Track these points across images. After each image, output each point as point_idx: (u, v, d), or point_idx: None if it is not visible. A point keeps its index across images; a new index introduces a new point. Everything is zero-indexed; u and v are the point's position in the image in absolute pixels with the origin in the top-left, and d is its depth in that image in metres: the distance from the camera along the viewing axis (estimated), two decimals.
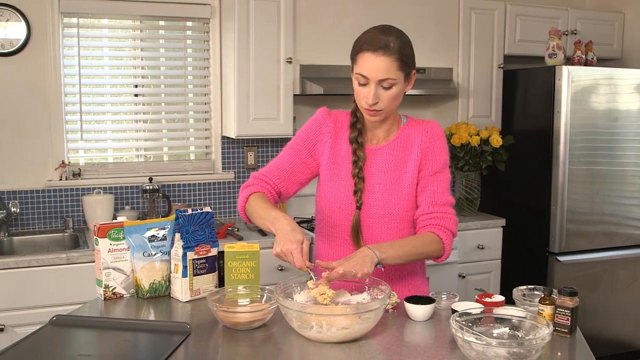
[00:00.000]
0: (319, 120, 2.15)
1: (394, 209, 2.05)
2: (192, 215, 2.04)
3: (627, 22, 4.49)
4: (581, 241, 3.91)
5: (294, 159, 2.15)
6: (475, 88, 4.09)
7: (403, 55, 1.91)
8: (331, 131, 2.12)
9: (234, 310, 1.82)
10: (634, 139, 3.96)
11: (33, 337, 1.76)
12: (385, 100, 1.95)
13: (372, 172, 2.07)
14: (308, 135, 2.15)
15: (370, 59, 1.90)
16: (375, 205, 2.06)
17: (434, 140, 2.08)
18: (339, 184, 2.09)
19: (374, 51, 1.89)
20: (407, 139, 2.09)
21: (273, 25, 3.58)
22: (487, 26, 4.09)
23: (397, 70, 1.91)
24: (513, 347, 1.50)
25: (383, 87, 1.93)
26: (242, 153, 3.94)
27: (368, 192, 2.06)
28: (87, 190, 3.62)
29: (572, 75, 3.75)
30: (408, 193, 2.07)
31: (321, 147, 2.12)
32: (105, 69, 3.71)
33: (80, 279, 3.05)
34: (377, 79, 1.91)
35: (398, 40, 1.91)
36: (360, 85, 1.96)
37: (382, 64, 1.89)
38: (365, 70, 1.91)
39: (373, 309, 1.68)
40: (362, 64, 1.92)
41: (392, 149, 2.09)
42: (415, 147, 2.07)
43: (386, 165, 2.08)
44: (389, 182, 2.06)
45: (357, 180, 2.05)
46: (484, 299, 1.94)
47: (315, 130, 2.14)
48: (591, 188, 3.89)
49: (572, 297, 1.76)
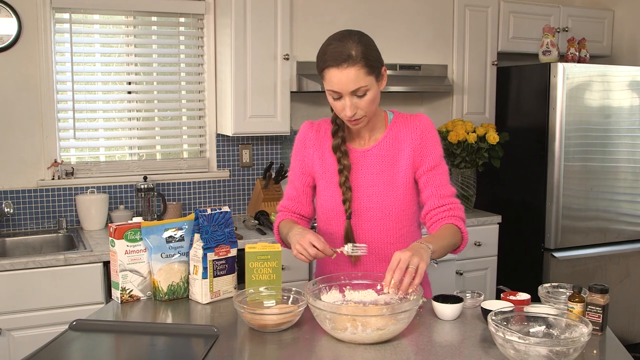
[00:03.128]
0: (302, 135, 2.19)
1: (390, 209, 2.05)
2: (211, 215, 2.00)
3: (617, 19, 4.54)
4: (576, 237, 3.94)
5: (297, 183, 2.19)
6: (469, 85, 4.10)
7: (367, 59, 1.88)
8: (315, 143, 2.14)
9: (261, 312, 1.78)
10: (626, 135, 4.01)
11: (55, 344, 1.71)
12: (363, 107, 1.93)
13: (363, 175, 2.07)
14: (297, 154, 2.20)
15: (336, 74, 1.87)
16: (368, 208, 2.06)
17: (426, 135, 2.06)
18: (329, 193, 2.11)
19: (338, 65, 1.86)
20: (397, 137, 2.07)
21: (270, 21, 3.53)
22: (481, 23, 4.09)
23: (365, 76, 1.88)
24: (556, 346, 1.49)
25: (357, 96, 1.91)
26: (237, 151, 3.89)
27: (359, 198, 2.06)
28: (81, 190, 3.54)
29: (567, 73, 3.78)
30: (404, 191, 2.06)
31: (310, 160, 2.15)
32: (98, 66, 3.63)
33: (79, 281, 2.97)
34: (349, 90, 1.88)
35: (359, 46, 1.88)
36: (335, 99, 1.94)
37: (350, 76, 1.86)
38: (335, 86, 1.89)
39: (408, 310, 1.66)
40: (330, 80, 1.90)
41: (381, 149, 2.07)
42: (406, 145, 2.06)
43: (377, 167, 2.07)
44: (382, 183, 2.05)
45: (345, 190, 2.05)
46: (509, 297, 1.93)
47: (301, 146, 2.18)
48: (585, 184, 3.92)
49: (603, 294, 1.76)
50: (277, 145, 3.97)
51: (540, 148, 3.89)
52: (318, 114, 4.03)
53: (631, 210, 4.11)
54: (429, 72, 3.95)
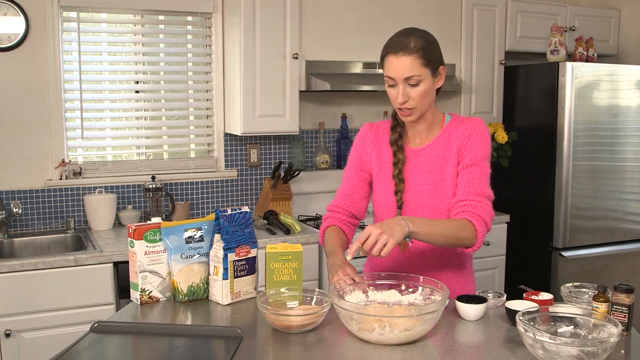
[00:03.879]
0: (361, 135, 2.24)
1: (440, 208, 2.07)
2: (232, 215, 1.98)
3: (623, 18, 4.54)
4: (584, 236, 3.94)
5: (353, 179, 2.22)
6: (477, 84, 4.09)
7: (425, 52, 1.96)
8: (373, 142, 2.19)
9: (286, 314, 1.77)
10: (634, 134, 4.01)
11: (77, 347, 1.67)
12: (415, 97, 1.98)
13: (416, 173, 2.10)
14: (355, 151, 2.24)
15: (393, 60, 1.97)
16: (419, 205, 2.08)
17: (473, 134, 2.06)
18: (383, 186, 2.15)
19: (396, 53, 1.96)
20: (449, 138, 2.09)
21: (279, 20, 3.52)
22: (489, 22, 4.09)
23: (420, 67, 1.95)
24: (587, 346, 1.48)
25: (410, 85, 1.97)
26: (245, 150, 3.88)
27: (410, 193, 2.10)
28: (88, 190, 3.51)
29: (576, 72, 3.77)
30: (452, 191, 2.07)
31: (368, 158, 2.20)
32: (105, 65, 3.60)
33: (88, 282, 2.96)
34: (402, 77, 1.96)
35: (420, 40, 1.97)
36: (390, 87, 2.02)
37: (405, 63, 1.95)
38: (391, 72, 1.98)
39: (435, 310, 1.65)
40: (388, 67, 1.99)
41: (434, 149, 2.10)
42: (454, 144, 2.08)
43: (429, 165, 2.09)
44: (433, 182, 2.08)
45: (397, 182, 2.10)
46: (531, 296, 1.93)
47: (360, 145, 2.23)
48: (593, 184, 3.92)
49: (629, 294, 1.75)
50: (285, 144, 3.95)
51: (549, 147, 3.89)
52: (326, 113, 4.03)
53: (638, 209, 4.11)
54: None
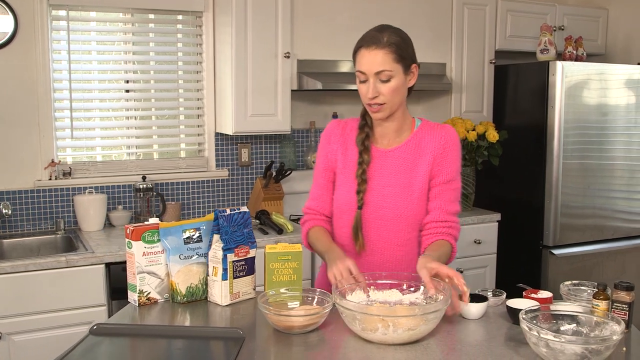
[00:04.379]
0: (328, 131, 2.20)
1: (404, 212, 2.06)
2: (231, 215, 1.97)
3: (611, 18, 4.58)
4: (574, 234, 3.96)
5: (321, 180, 2.20)
6: (467, 83, 4.10)
7: (398, 47, 1.96)
8: (339, 139, 2.17)
9: (287, 314, 1.76)
10: (623, 133, 4.04)
11: (77, 350, 1.65)
12: (385, 93, 1.98)
13: (381, 174, 2.08)
14: (322, 149, 2.21)
15: (365, 54, 1.96)
16: (381, 207, 2.07)
17: (449, 147, 2.09)
18: (345, 184, 2.13)
19: (368, 47, 1.96)
20: (420, 143, 2.10)
21: (271, 19, 3.50)
22: (479, 21, 4.10)
23: (392, 62, 1.95)
24: (591, 344, 1.49)
25: (381, 81, 1.96)
26: (236, 150, 3.86)
27: (373, 193, 2.08)
28: (78, 190, 3.48)
29: (566, 71, 3.79)
30: (418, 197, 2.07)
31: (333, 155, 2.17)
32: (94, 64, 3.57)
33: (80, 283, 2.92)
34: (373, 71, 1.95)
35: (393, 35, 1.97)
36: (361, 82, 2.01)
37: (376, 57, 1.94)
38: (362, 66, 1.97)
39: (439, 309, 1.65)
40: (359, 61, 1.99)
41: (403, 152, 2.09)
42: (427, 152, 2.08)
43: (396, 168, 2.08)
44: (399, 185, 2.07)
45: (360, 181, 2.07)
46: (531, 294, 1.94)
47: (326, 143, 2.20)
48: (583, 182, 3.94)
49: (629, 291, 1.76)
50: (277, 144, 3.94)
51: (539, 146, 3.91)
52: (317, 112, 4.02)
53: (627, 207, 4.15)
54: (428, 71, 3.94)
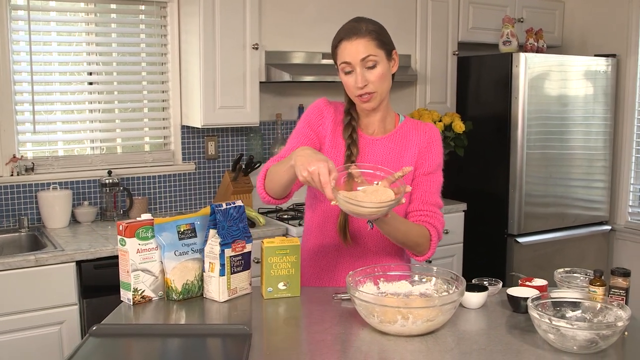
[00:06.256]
0: (320, 106, 2.16)
1: None
2: (227, 209, 1.93)
3: (567, 11, 4.69)
4: (537, 222, 4.06)
5: (303, 140, 2.11)
6: (432, 75, 4.14)
7: (378, 34, 1.98)
8: (332, 117, 2.12)
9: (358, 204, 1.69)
10: (581, 123, 4.15)
11: (80, 353, 1.57)
12: (374, 80, 1.97)
13: (368, 162, 2.07)
14: (311, 118, 2.15)
15: (347, 46, 1.96)
16: None
17: (432, 141, 2.12)
18: None
19: (349, 38, 1.96)
20: (406, 136, 2.12)
21: (239, 10, 3.45)
22: (443, 14, 4.14)
23: (375, 48, 1.95)
24: (602, 329, 1.52)
25: (367, 68, 1.96)
26: (203, 143, 3.79)
27: None
28: (42, 186, 3.36)
29: (529, 62, 3.88)
30: None
31: (323, 129, 2.12)
32: (55, 55, 3.45)
33: (50, 282, 2.83)
34: (359, 59, 1.95)
35: (370, 24, 1.99)
36: (347, 74, 1.99)
37: (359, 46, 1.94)
38: (346, 56, 1.96)
39: (455, 300, 1.66)
40: (342, 53, 1.98)
41: (390, 142, 2.11)
42: (413, 145, 2.10)
43: (384, 157, 2.09)
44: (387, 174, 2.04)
45: None
46: (526, 282, 1.97)
47: (317, 113, 2.14)
48: (545, 171, 4.04)
49: (626, 277, 1.81)
50: (243, 136, 3.89)
51: (503, 136, 3.98)
52: (284, 104, 3.99)
53: (586, 195, 4.27)
54: None
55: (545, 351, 1.58)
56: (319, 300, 1.99)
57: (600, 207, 4.37)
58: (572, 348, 1.54)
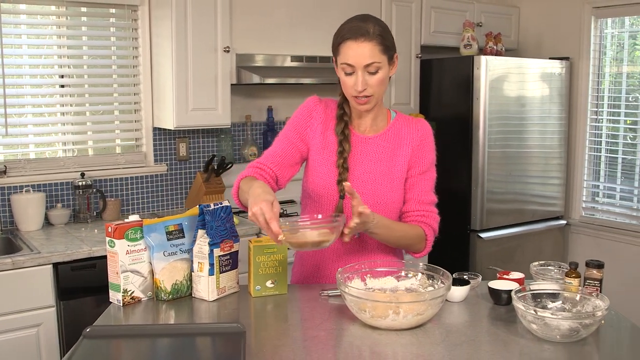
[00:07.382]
0: (309, 107, 2.16)
1: (383, 199, 2.09)
2: (215, 210, 1.99)
3: (522, 15, 4.88)
4: (498, 218, 4.22)
5: (286, 144, 2.14)
6: (396, 76, 4.26)
7: (384, 39, 1.96)
8: (322, 117, 2.13)
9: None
10: (538, 123, 4.34)
11: (76, 356, 1.56)
12: (373, 85, 1.98)
13: (362, 161, 2.10)
14: (299, 120, 2.16)
15: (353, 46, 1.94)
16: (363, 193, 2.06)
17: (425, 139, 2.16)
18: (325, 171, 2.11)
19: (356, 39, 1.94)
20: (398, 134, 2.14)
21: (210, 14, 3.50)
22: (406, 17, 4.27)
23: (380, 54, 1.95)
24: (583, 318, 1.64)
25: (369, 73, 1.96)
26: (174, 144, 3.84)
27: (354, 181, 2.08)
28: (14, 189, 3.36)
29: (489, 65, 4.03)
30: (398, 185, 2.12)
31: (312, 131, 2.13)
32: (26, 59, 3.44)
33: (27, 285, 2.84)
34: (363, 64, 1.94)
35: (377, 26, 1.96)
36: (347, 74, 1.99)
37: (365, 50, 1.93)
38: (350, 59, 1.95)
39: (443, 294, 1.75)
40: (346, 53, 1.96)
41: (383, 140, 2.13)
42: (406, 143, 2.13)
43: (377, 155, 2.11)
44: (380, 172, 2.10)
45: (342, 171, 2.07)
46: (504, 276, 2.08)
47: (305, 115, 2.15)
48: (505, 169, 4.21)
49: (600, 269, 1.94)
50: (214, 137, 3.95)
51: (464, 136, 4.13)
52: (253, 106, 4.06)
53: (542, 192, 4.46)
54: None
55: (529, 340, 1.69)
56: (306, 297, 2.05)
57: (556, 203, 4.56)
58: (555, 337, 1.65)
